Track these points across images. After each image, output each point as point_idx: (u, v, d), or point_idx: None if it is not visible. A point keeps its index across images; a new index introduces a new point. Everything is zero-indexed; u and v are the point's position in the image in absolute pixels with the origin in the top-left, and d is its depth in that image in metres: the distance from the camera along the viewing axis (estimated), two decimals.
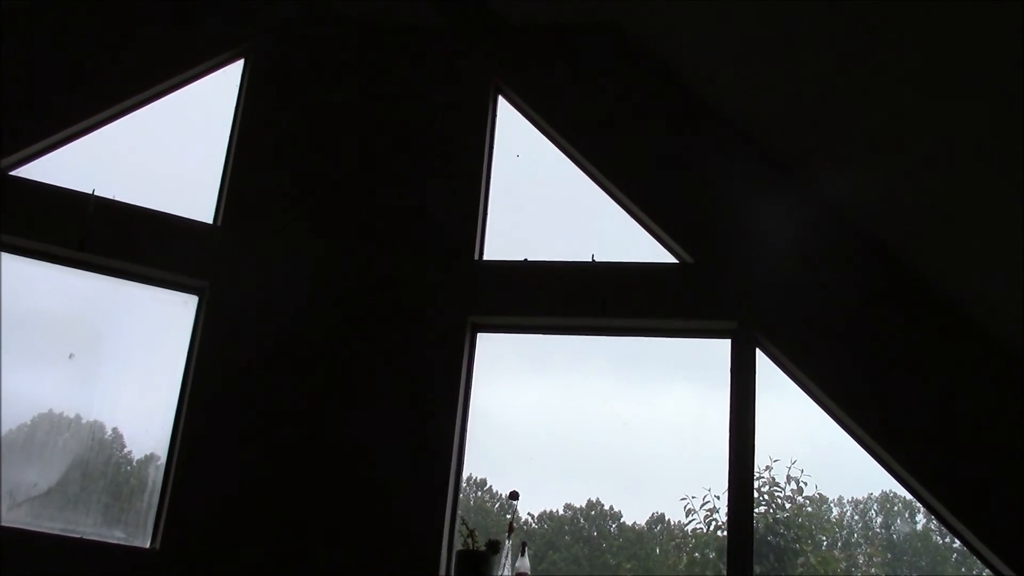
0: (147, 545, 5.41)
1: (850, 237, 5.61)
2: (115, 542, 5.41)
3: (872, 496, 6.06)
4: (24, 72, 5.80)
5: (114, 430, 5.80)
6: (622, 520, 6.27)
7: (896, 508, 6.03)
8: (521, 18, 6.20)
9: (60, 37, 5.93)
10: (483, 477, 6.13)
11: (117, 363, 5.75)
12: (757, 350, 5.55)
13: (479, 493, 6.20)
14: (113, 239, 5.64)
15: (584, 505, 6.33)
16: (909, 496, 5.39)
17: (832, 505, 6.02)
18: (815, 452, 5.55)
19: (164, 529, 5.37)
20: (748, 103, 5.78)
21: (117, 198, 5.75)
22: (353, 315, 5.95)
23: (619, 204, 5.95)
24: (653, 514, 6.07)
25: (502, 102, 6.37)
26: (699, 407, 5.65)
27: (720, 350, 5.59)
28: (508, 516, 5.54)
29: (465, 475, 5.79)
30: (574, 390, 5.82)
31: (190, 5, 6.18)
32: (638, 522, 6.17)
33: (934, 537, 5.87)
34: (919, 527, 5.97)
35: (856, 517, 6.05)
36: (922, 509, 5.59)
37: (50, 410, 5.56)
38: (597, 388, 5.80)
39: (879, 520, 6.04)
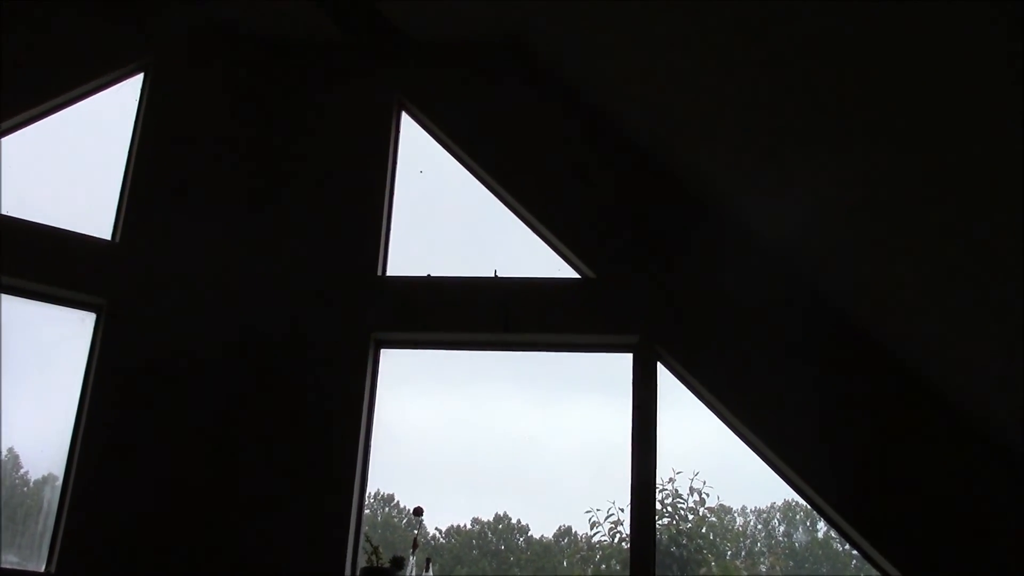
0: (42, 569, 5.28)
1: (748, 252, 5.70)
2: (8, 567, 5.27)
3: (775, 505, 6.17)
4: None
5: (10, 450, 5.67)
6: (529, 534, 6.29)
7: (798, 516, 6.14)
8: (424, 35, 6.20)
9: None
10: (390, 493, 6.11)
11: (12, 382, 5.58)
12: (659, 364, 5.61)
13: (386, 509, 6.17)
14: (6, 255, 5.51)
15: (492, 519, 6.34)
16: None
17: (736, 515, 6.11)
18: (718, 463, 5.64)
19: (60, 553, 5.25)
20: (651, 120, 5.85)
21: (10, 213, 5.63)
22: (254, 332, 5.89)
23: (522, 220, 5.99)
24: (560, 527, 6.11)
25: (405, 118, 6.36)
26: (604, 420, 5.69)
27: (624, 363, 5.64)
28: (414, 532, 5.53)
29: (372, 491, 5.77)
30: (480, 404, 5.84)
31: (89, 17, 6.07)
32: (545, 535, 6.20)
33: (834, 544, 5.99)
34: (820, 535, 6.08)
35: (759, 526, 6.15)
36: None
37: None
38: (503, 402, 5.84)
39: (781, 529, 6.14)
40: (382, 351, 5.87)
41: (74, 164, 6.02)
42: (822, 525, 5.99)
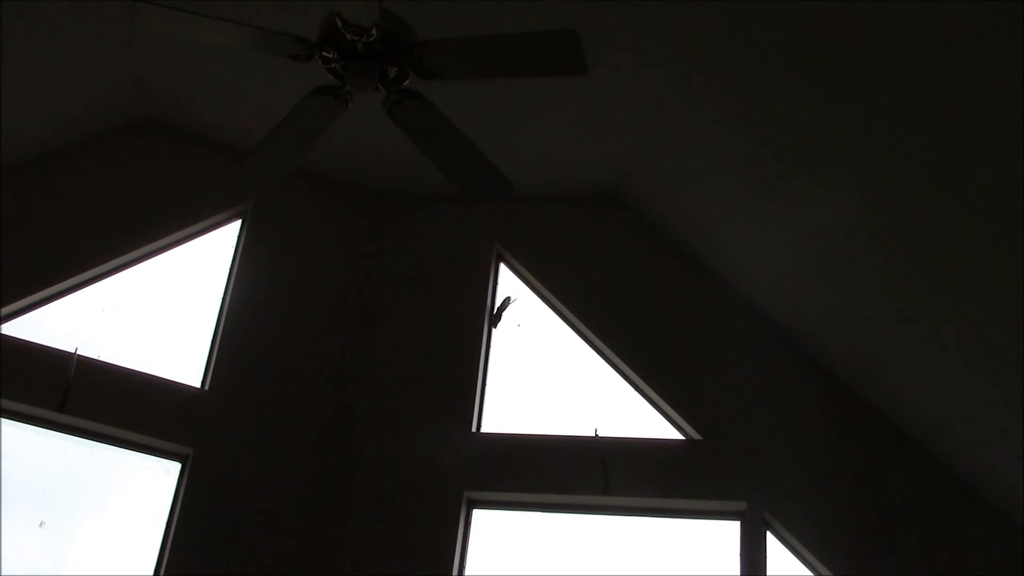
0: None
1: (860, 414, 5.43)
2: None
3: None
4: (14, 227, 5.64)
5: None
6: None
7: None
8: (522, 187, 6.13)
9: (51, 194, 5.81)
10: None
11: (93, 531, 5.42)
12: (768, 533, 5.28)
13: None
14: (94, 400, 5.40)
15: None
16: None
17: None
18: None
19: None
20: (755, 275, 5.68)
21: (101, 358, 5.55)
22: (343, 489, 5.69)
23: (623, 377, 5.80)
24: None
25: (503, 269, 6.26)
26: None
27: (730, 531, 5.34)
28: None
29: None
30: (576, 570, 5.48)
31: (187, 164, 6.11)
32: None
33: None
34: None
35: None
36: None
37: None
38: (598, 568, 5.48)
39: None
40: (475, 511, 5.62)
41: (167, 309, 5.97)
42: None
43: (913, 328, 4.90)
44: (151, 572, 5.30)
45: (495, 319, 5.87)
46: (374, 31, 3.60)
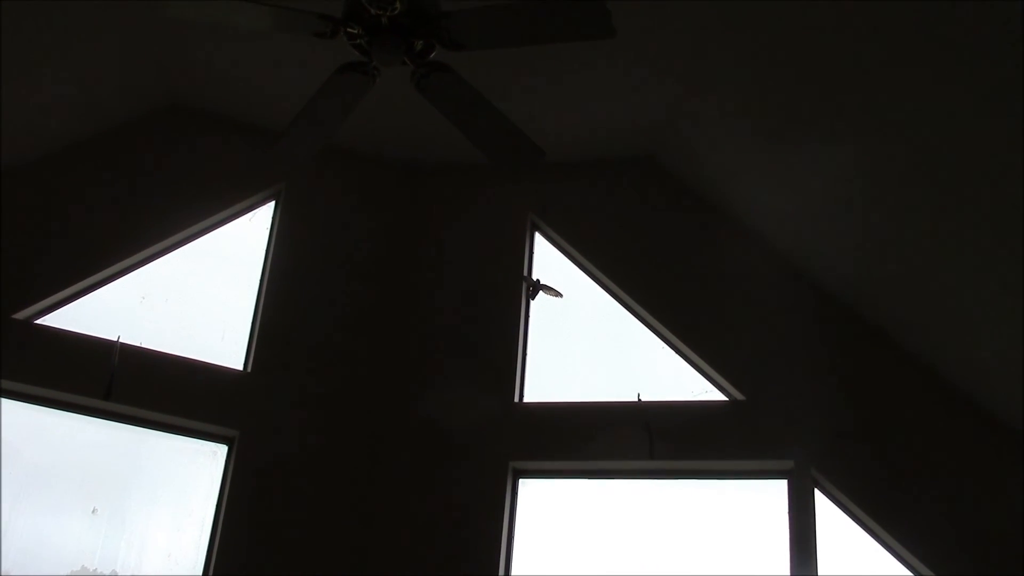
0: None
1: (905, 368, 5.37)
2: None
3: None
4: (51, 219, 5.70)
5: None
6: None
7: None
8: (555, 154, 6.09)
9: (88, 183, 5.84)
10: None
11: (144, 516, 5.47)
12: (816, 491, 5.25)
13: None
14: (139, 387, 5.44)
15: None
16: None
17: None
18: None
19: None
20: (794, 235, 5.63)
21: (144, 345, 5.59)
22: (388, 462, 5.72)
23: (664, 341, 5.77)
24: None
25: (539, 238, 6.24)
26: (757, 552, 5.29)
27: (777, 490, 5.31)
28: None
29: None
30: (624, 535, 5.48)
31: (218, 148, 6.13)
32: None
33: None
34: None
35: None
36: None
37: (83, 567, 5.27)
38: (646, 534, 5.47)
39: None
40: (521, 481, 5.62)
41: (208, 293, 5.99)
42: None
43: (957, 274, 4.85)
44: (204, 553, 5.36)
45: (532, 292, 5.85)
46: (398, 4, 3.58)
